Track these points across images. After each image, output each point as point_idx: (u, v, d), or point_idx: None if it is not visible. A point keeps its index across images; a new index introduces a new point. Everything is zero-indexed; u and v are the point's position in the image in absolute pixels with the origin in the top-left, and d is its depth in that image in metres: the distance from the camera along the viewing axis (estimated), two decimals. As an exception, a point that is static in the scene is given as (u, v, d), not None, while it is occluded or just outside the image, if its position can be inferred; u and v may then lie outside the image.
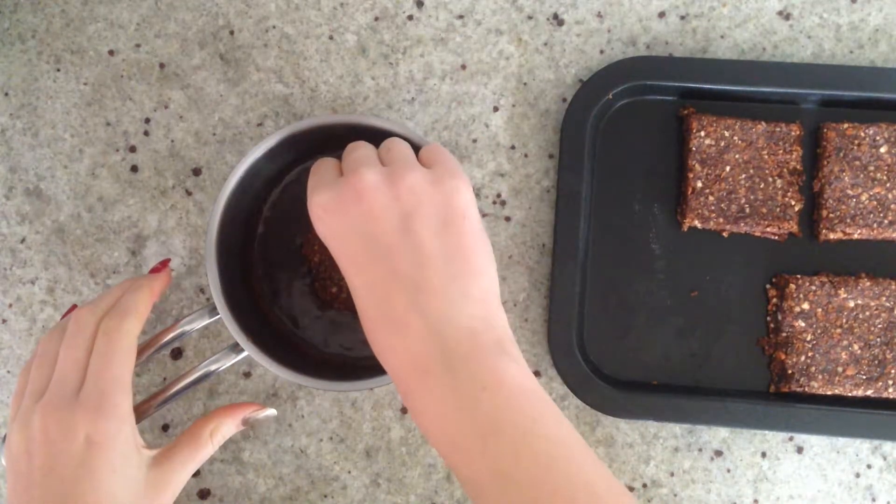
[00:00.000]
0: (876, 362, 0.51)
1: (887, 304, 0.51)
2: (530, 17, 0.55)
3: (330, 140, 0.48)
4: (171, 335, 0.45)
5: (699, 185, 0.52)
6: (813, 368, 0.51)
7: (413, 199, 0.39)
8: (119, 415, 0.41)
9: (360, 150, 0.42)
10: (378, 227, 0.38)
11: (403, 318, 0.37)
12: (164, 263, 0.49)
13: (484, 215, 0.55)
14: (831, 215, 0.51)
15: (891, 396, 0.51)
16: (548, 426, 0.36)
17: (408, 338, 0.37)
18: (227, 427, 0.46)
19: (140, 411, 0.44)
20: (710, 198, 0.52)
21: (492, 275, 0.39)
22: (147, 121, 0.56)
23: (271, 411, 0.48)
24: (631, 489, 0.53)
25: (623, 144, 0.54)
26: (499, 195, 0.55)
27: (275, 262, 0.52)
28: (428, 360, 0.37)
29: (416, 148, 0.44)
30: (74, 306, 0.48)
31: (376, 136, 0.46)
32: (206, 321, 0.46)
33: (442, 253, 0.38)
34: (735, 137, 0.52)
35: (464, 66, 0.55)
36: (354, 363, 0.51)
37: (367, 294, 0.38)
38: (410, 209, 0.38)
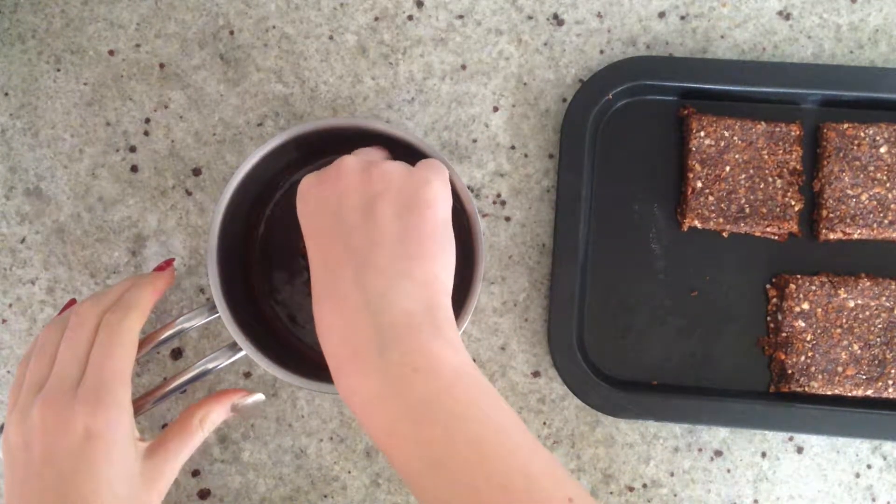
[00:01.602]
0: (876, 362, 0.51)
1: (887, 304, 0.51)
2: (530, 17, 0.55)
3: (333, 142, 0.48)
4: (169, 332, 0.46)
5: (699, 185, 0.52)
6: (813, 368, 0.51)
7: (383, 183, 0.40)
8: (119, 407, 0.41)
9: (366, 149, 0.44)
10: (346, 204, 0.39)
11: (345, 292, 0.37)
12: (169, 262, 0.49)
13: (484, 215, 0.55)
14: (831, 215, 0.51)
15: (891, 396, 0.51)
16: (483, 411, 0.36)
17: (345, 313, 0.37)
18: (217, 413, 0.46)
19: (137, 406, 0.44)
20: (710, 198, 0.52)
21: (443, 264, 0.39)
22: (147, 121, 0.56)
23: (259, 396, 0.48)
24: (631, 489, 0.53)
25: (623, 144, 0.54)
26: (499, 195, 0.55)
27: (276, 262, 0.52)
28: (361, 338, 0.36)
29: (419, 152, 0.44)
30: (73, 301, 0.48)
31: (378, 140, 0.46)
32: (206, 319, 0.46)
33: (396, 235, 0.38)
34: (735, 137, 0.52)
35: (464, 66, 0.55)
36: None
37: (322, 270, 0.39)
38: (378, 192, 0.39)
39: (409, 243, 0.38)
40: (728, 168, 0.52)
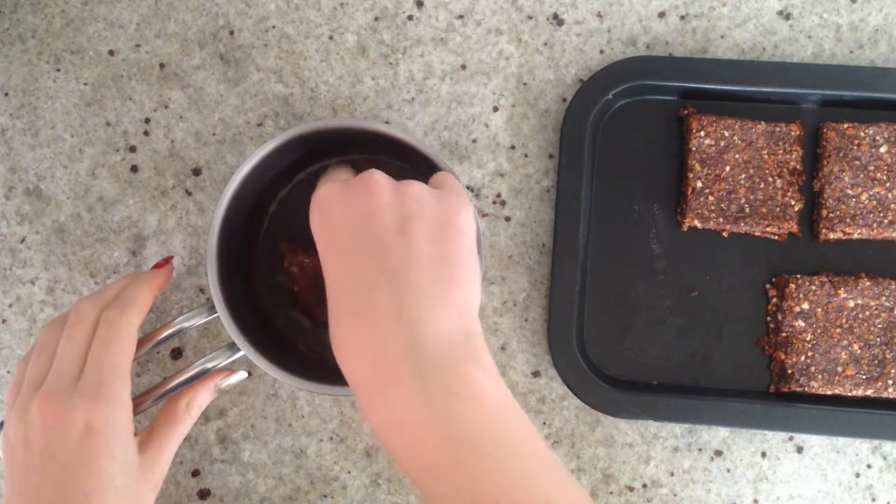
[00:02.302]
0: (876, 362, 0.51)
1: (887, 304, 0.51)
2: (530, 17, 0.55)
3: (335, 142, 0.48)
4: (169, 331, 0.46)
5: (699, 185, 0.52)
6: (813, 368, 0.51)
7: (416, 205, 0.39)
8: (118, 402, 0.41)
9: (380, 172, 0.42)
10: (377, 222, 0.38)
11: (382, 311, 0.36)
12: (168, 260, 0.50)
13: (484, 215, 0.55)
14: (831, 215, 0.51)
15: (891, 396, 0.51)
16: (530, 445, 0.35)
17: (381, 333, 0.36)
18: (202, 397, 0.46)
19: (136, 405, 0.44)
20: (710, 198, 0.52)
21: (475, 292, 0.39)
22: (147, 121, 0.56)
23: (242, 374, 0.48)
24: (631, 489, 0.53)
25: (623, 144, 0.54)
26: (499, 195, 0.55)
27: (276, 262, 0.52)
28: (397, 360, 0.35)
29: (420, 154, 0.44)
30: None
31: (380, 142, 0.46)
32: (205, 318, 0.46)
33: (431, 258, 0.38)
34: (735, 137, 0.52)
35: (464, 66, 0.55)
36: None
37: (349, 285, 0.37)
38: (411, 213, 0.38)
39: (445, 269, 0.38)
40: (728, 168, 0.52)
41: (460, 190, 0.41)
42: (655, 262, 0.53)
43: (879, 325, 0.51)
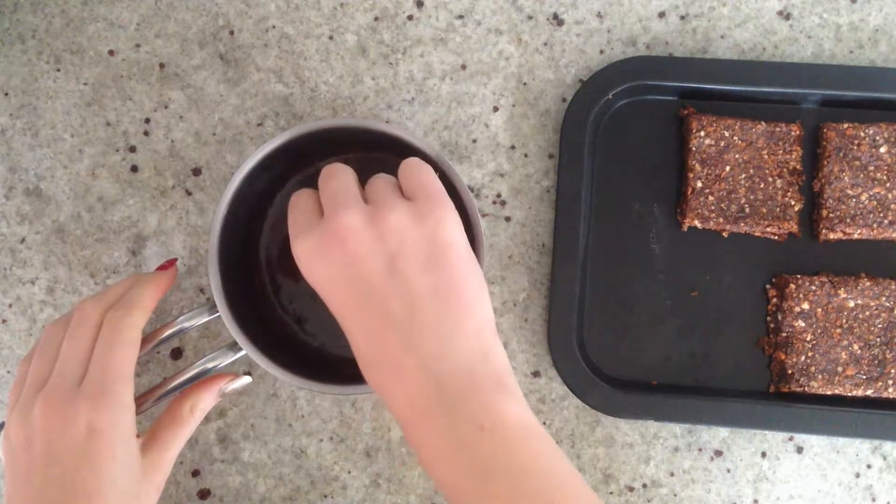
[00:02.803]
0: (876, 362, 0.51)
1: (887, 304, 0.51)
2: (530, 17, 0.55)
3: (335, 142, 0.48)
4: (170, 331, 0.46)
5: (699, 185, 0.52)
6: (813, 368, 0.51)
7: (397, 237, 0.38)
8: (121, 404, 0.41)
9: (336, 181, 0.40)
10: (364, 269, 0.38)
11: (398, 359, 0.37)
12: (171, 262, 0.49)
13: (484, 215, 0.55)
14: (831, 215, 0.51)
15: (891, 396, 0.51)
16: (546, 465, 0.36)
17: (404, 380, 0.37)
18: (206, 400, 0.46)
19: (137, 405, 0.44)
20: (710, 198, 0.52)
21: (485, 305, 0.39)
22: (147, 121, 0.56)
23: (246, 379, 0.48)
24: (631, 489, 0.53)
25: (623, 144, 0.54)
26: (499, 195, 0.55)
27: (276, 262, 0.52)
28: (425, 401, 0.36)
29: (420, 153, 0.44)
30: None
31: (380, 141, 0.46)
32: (206, 318, 0.46)
33: (431, 289, 0.37)
34: (735, 137, 0.52)
35: (464, 66, 0.55)
36: (354, 366, 0.51)
37: (362, 337, 0.38)
38: (395, 249, 0.38)
39: (446, 295, 0.38)
40: (728, 168, 0.52)
41: (435, 191, 0.40)
42: (655, 262, 0.53)
43: (879, 325, 0.51)
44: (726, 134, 0.52)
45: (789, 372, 0.51)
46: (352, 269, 0.38)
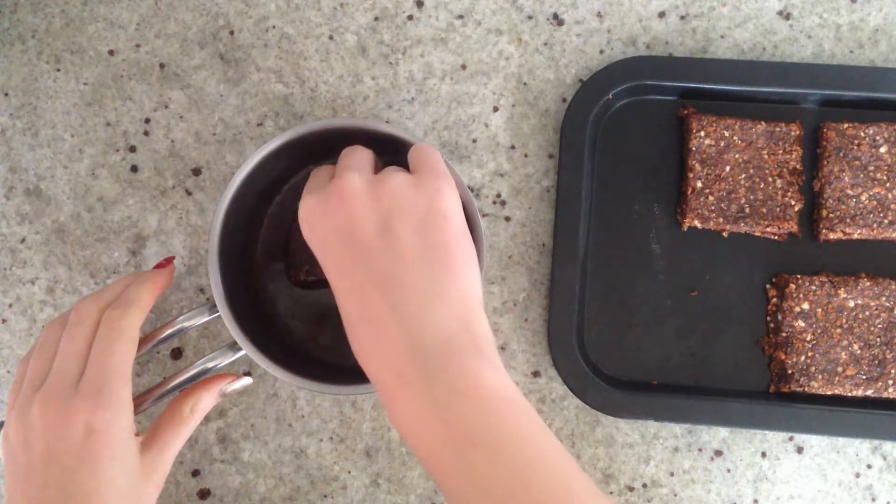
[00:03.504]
0: (876, 362, 0.51)
1: (887, 304, 0.51)
2: (530, 17, 0.55)
3: (335, 142, 0.48)
4: (170, 330, 0.46)
5: (699, 185, 0.52)
6: (813, 368, 0.51)
7: (394, 201, 0.39)
8: (119, 403, 0.41)
9: (353, 156, 0.42)
10: (359, 228, 0.38)
11: (380, 319, 0.37)
12: (169, 260, 0.49)
13: (484, 215, 0.55)
14: (831, 215, 0.51)
15: (891, 396, 0.51)
16: (526, 435, 0.36)
17: (384, 340, 0.37)
18: (206, 401, 0.46)
19: (136, 405, 0.44)
20: (710, 198, 0.52)
21: (473, 276, 0.39)
22: (147, 121, 0.56)
23: (247, 380, 0.48)
24: (631, 489, 0.53)
25: (623, 144, 0.54)
26: (499, 195, 0.55)
27: (277, 262, 0.52)
28: (403, 365, 0.36)
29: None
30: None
31: (380, 141, 0.46)
32: (206, 318, 0.46)
33: (420, 252, 0.38)
34: (735, 137, 0.52)
35: (464, 66, 0.55)
36: (354, 366, 0.51)
37: (348, 297, 0.38)
38: (391, 211, 0.38)
39: (434, 259, 0.38)
40: (728, 168, 0.52)
41: (438, 168, 0.41)
42: (655, 262, 0.53)
43: (879, 325, 0.51)
44: (726, 134, 0.52)
45: (789, 372, 0.51)
46: (347, 227, 0.38)
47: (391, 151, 0.47)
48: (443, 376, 0.36)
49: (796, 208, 0.52)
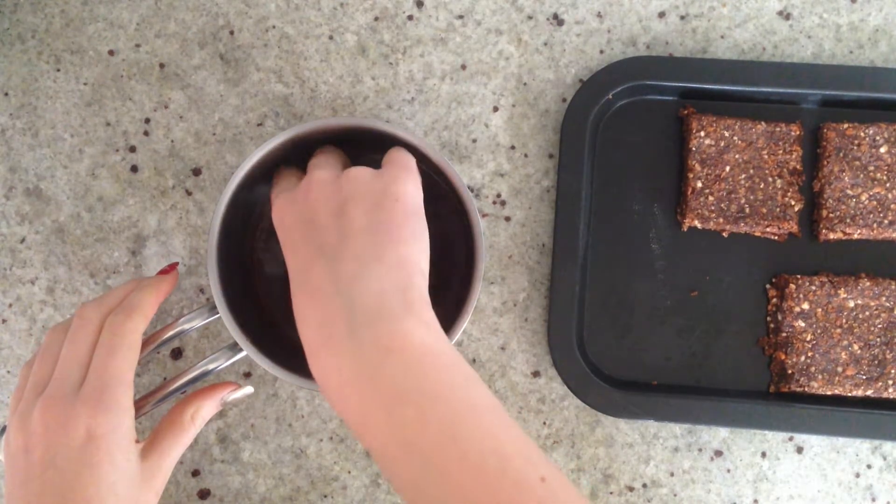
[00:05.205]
0: (876, 362, 0.51)
1: (887, 304, 0.51)
2: (530, 17, 0.55)
3: (333, 142, 0.48)
4: (170, 333, 0.46)
5: (699, 185, 0.52)
6: (813, 368, 0.51)
7: (353, 187, 0.40)
8: (120, 409, 0.41)
9: (322, 156, 0.45)
10: (318, 211, 0.40)
11: (318, 283, 0.38)
12: (173, 266, 0.49)
13: (484, 215, 0.55)
14: (831, 215, 0.51)
15: (891, 396, 0.51)
16: (456, 390, 0.35)
17: (317, 301, 0.37)
18: (207, 409, 0.46)
19: (137, 407, 0.44)
20: (710, 198, 0.52)
21: (419, 247, 0.39)
22: (147, 121, 0.56)
23: (248, 389, 0.48)
24: (631, 489, 0.53)
25: (623, 144, 0.54)
26: (499, 195, 0.55)
27: (276, 262, 0.52)
28: (333, 323, 0.36)
29: (419, 152, 0.44)
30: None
31: (379, 140, 0.46)
32: (206, 320, 0.46)
33: (367, 227, 0.39)
34: (735, 137, 0.52)
35: (464, 66, 0.55)
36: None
37: (294, 268, 0.40)
38: (347, 196, 0.40)
39: (379, 233, 0.39)
40: (728, 168, 0.52)
41: (403, 162, 0.42)
42: (655, 262, 0.53)
43: (879, 326, 0.51)
44: (726, 134, 0.52)
45: (789, 372, 0.51)
46: (308, 213, 0.40)
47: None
48: (368, 333, 0.36)
49: (796, 208, 0.52)
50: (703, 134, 0.52)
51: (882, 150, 0.51)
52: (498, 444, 0.34)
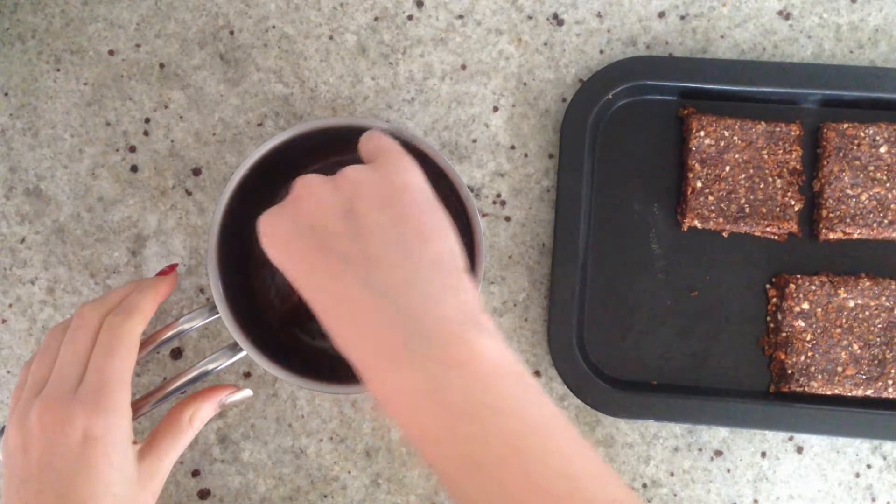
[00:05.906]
0: (876, 362, 0.51)
1: (887, 304, 0.51)
2: (530, 17, 0.55)
3: (335, 142, 0.48)
4: (170, 333, 0.46)
5: (699, 185, 0.52)
6: (813, 368, 0.51)
7: (353, 186, 0.37)
8: (117, 410, 0.41)
9: (307, 177, 0.40)
10: (321, 218, 0.36)
11: (355, 298, 0.34)
12: (172, 267, 0.49)
13: (484, 215, 0.55)
14: (831, 215, 0.51)
15: (891, 396, 0.51)
16: (523, 406, 0.33)
17: (361, 319, 0.34)
18: (206, 411, 0.46)
19: (136, 408, 0.44)
20: (710, 198, 0.52)
21: (449, 239, 0.36)
22: (147, 121, 0.56)
23: (247, 392, 0.47)
24: (631, 489, 0.53)
25: (623, 144, 0.54)
26: (499, 195, 0.55)
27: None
28: (391, 342, 0.34)
29: (417, 152, 0.44)
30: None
31: None
32: (206, 320, 0.46)
33: (387, 224, 0.36)
34: (735, 137, 0.52)
35: (464, 66, 0.55)
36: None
37: (320, 287, 0.36)
38: (351, 195, 0.37)
39: (404, 226, 0.36)
40: (728, 168, 0.52)
41: (392, 148, 0.39)
42: (655, 262, 0.53)
43: (879, 325, 0.51)
44: (726, 134, 0.52)
45: (789, 372, 0.51)
46: (308, 222, 0.36)
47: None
48: (435, 348, 0.33)
49: (796, 208, 0.52)
50: (702, 134, 0.52)
51: (882, 149, 0.51)
52: (567, 464, 0.32)
